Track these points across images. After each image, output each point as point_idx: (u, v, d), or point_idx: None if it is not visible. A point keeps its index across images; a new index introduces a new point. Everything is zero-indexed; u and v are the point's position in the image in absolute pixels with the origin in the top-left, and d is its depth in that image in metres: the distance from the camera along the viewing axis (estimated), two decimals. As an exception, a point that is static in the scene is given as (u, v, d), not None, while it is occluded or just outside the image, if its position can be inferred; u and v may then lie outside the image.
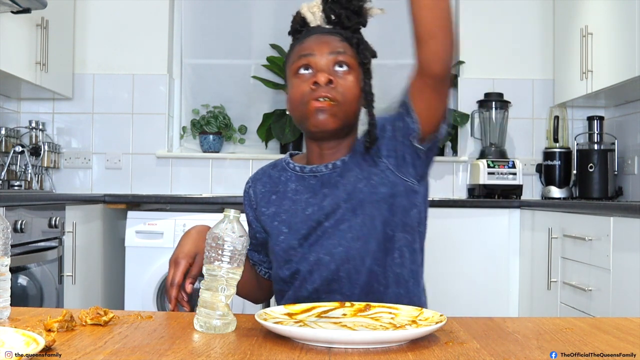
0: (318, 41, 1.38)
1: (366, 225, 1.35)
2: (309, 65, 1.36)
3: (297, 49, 1.41)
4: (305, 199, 1.40)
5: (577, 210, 2.79)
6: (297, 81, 1.37)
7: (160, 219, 3.31)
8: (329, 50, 1.36)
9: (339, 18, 1.41)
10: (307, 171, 1.42)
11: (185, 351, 0.92)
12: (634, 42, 2.88)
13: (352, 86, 1.36)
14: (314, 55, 1.36)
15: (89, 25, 3.93)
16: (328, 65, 1.35)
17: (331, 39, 1.38)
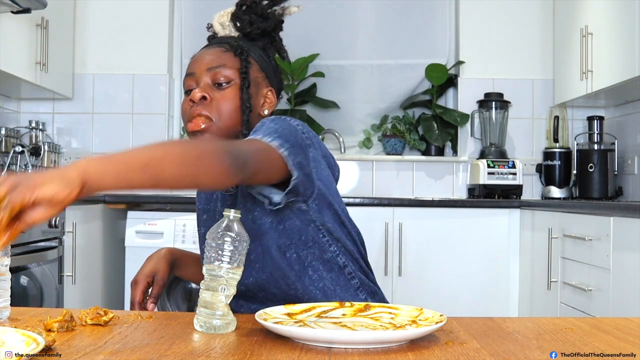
0: (200, 58, 1.39)
1: (267, 255, 1.31)
2: (191, 84, 1.37)
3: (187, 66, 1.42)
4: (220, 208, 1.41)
5: (577, 210, 2.79)
6: (184, 98, 1.38)
7: (160, 219, 3.31)
8: (207, 66, 1.36)
9: (243, 25, 1.42)
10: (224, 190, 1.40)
11: (185, 351, 0.92)
12: (634, 42, 2.88)
13: (227, 100, 1.34)
14: (194, 75, 1.36)
15: (89, 25, 3.93)
16: (206, 81, 1.35)
17: (214, 52, 1.38)
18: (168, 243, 3.28)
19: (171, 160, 1.00)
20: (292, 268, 1.31)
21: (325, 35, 4.03)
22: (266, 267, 1.32)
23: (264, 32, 1.45)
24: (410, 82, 4.02)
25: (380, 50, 4.03)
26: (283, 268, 1.31)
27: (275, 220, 1.29)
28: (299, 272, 1.32)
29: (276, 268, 1.31)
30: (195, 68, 1.37)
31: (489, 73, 3.93)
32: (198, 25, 4.08)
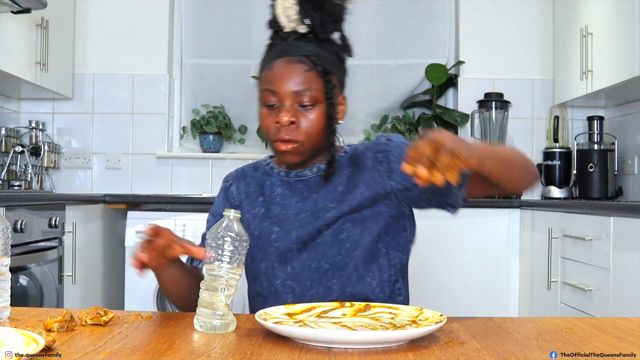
0: (283, 76, 1.36)
1: (363, 237, 1.38)
2: (274, 101, 1.37)
3: (265, 76, 1.40)
4: (295, 203, 1.42)
5: (577, 210, 2.79)
6: (264, 111, 1.40)
7: (160, 219, 3.31)
8: (292, 88, 1.36)
9: (313, 25, 1.41)
10: (293, 176, 1.44)
11: (185, 351, 0.92)
12: (634, 42, 2.88)
13: (316, 123, 1.37)
14: (277, 94, 1.36)
15: (89, 25, 3.93)
16: (292, 102, 1.36)
17: (297, 70, 1.36)
18: (168, 243, 3.28)
19: (518, 164, 1.32)
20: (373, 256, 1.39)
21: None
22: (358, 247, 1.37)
23: (332, 30, 1.45)
24: (410, 82, 4.02)
25: (380, 50, 4.03)
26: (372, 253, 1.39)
27: (389, 213, 1.40)
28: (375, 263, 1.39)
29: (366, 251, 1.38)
30: (278, 87, 1.36)
31: (489, 73, 3.93)
32: (198, 25, 4.08)
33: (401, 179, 1.38)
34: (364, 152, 1.45)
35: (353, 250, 1.37)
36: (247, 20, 4.08)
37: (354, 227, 1.38)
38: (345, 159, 1.44)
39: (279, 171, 1.46)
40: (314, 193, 1.41)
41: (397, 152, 1.39)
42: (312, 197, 1.41)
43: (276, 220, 1.41)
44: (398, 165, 1.35)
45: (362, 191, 1.39)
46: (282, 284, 1.39)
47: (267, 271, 1.41)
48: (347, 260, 1.37)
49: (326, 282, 1.37)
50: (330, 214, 1.38)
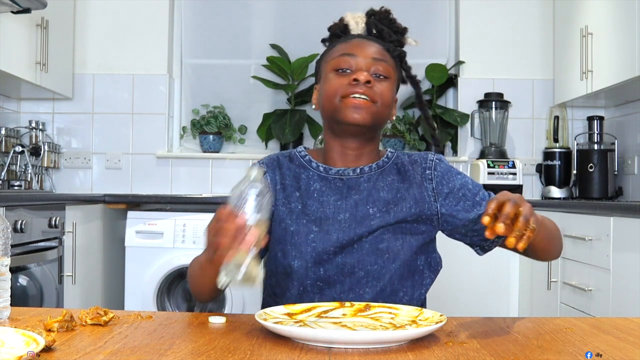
0: (363, 44, 1.40)
1: (403, 250, 1.38)
2: (349, 65, 1.38)
3: (339, 47, 1.42)
4: (334, 202, 1.38)
5: (577, 210, 2.79)
6: (334, 76, 1.38)
7: (160, 219, 3.31)
8: (371, 54, 1.38)
9: (380, 33, 1.44)
10: (333, 173, 1.41)
11: (185, 351, 0.92)
12: (634, 42, 2.88)
13: (388, 92, 1.39)
14: (355, 57, 1.38)
15: (89, 25, 3.93)
16: (368, 67, 1.37)
17: (377, 46, 1.41)
18: (168, 243, 3.28)
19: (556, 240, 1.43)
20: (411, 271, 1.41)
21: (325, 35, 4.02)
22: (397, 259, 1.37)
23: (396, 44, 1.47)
24: (410, 82, 4.01)
25: (380, 50, 4.03)
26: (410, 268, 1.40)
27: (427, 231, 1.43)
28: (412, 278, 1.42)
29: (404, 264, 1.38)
30: (357, 51, 1.38)
31: (489, 73, 3.93)
32: (198, 25, 4.08)
33: (450, 205, 1.40)
34: (410, 163, 1.43)
35: (392, 262, 1.36)
36: (247, 21, 4.09)
37: (395, 239, 1.37)
38: (389, 165, 1.43)
39: (317, 165, 1.42)
40: (355, 194, 1.38)
41: (448, 176, 1.43)
42: (352, 198, 1.38)
43: (314, 219, 1.37)
44: (447, 189, 1.40)
45: (409, 205, 1.38)
46: (312, 284, 1.36)
47: (299, 270, 1.36)
48: (384, 272, 1.36)
49: (358, 290, 1.36)
50: (374, 223, 1.36)
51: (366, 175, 1.40)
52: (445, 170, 1.43)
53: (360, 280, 1.36)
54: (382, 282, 1.36)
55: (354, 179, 1.40)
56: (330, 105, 1.38)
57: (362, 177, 1.40)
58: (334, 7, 4.05)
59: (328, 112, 1.39)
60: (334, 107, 1.37)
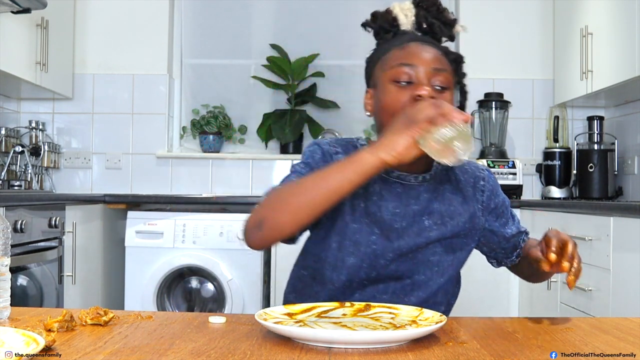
0: (420, 52, 1.32)
1: (452, 265, 1.40)
2: (409, 77, 1.31)
3: (396, 54, 1.33)
4: (392, 208, 1.35)
5: (577, 210, 2.79)
6: (394, 89, 1.31)
7: (160, 219, 3.31)
8: (431, 65, 1.31)
9: (431, 27, 1.38)
10: (394, 176, 1.36)
11: (185, 351, 0.92)
12: (634, 42, 2.88)
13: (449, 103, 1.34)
14: (415, 67, 1.31)
15: (89, 25, 3.93)
16: (428, 79, 1.31)
17: (434, 52, 1.33)
18: (168, 243, 3.28)
19: None
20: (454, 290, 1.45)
21: (325, 35, 4.03)
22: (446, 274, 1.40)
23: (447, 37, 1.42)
24: (410, 82, 4.01)
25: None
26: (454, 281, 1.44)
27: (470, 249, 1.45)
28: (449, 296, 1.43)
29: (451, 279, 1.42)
30: (416, 61, 1.31)
31: (489, 73, 3.93)
32: (198, 25, 4.09)
33: (491, 221, 1.42)
34: (462, 172, 1.42)
35: (440, 276, 1.37)
36: (247, 20, 4.09)
37: (446, 254, 1.37)
38: (441, 171, 1.40)
39: None
40: (414, 205, 1.35)
41: (496, 190, 1.45)
42: (411, 208, 1.35)
43: (374, 221, 1.34)
44: (494, 204, 1.42)
45: (464, 220, 1.38)
46: (360, 283, 1.36)
47: (351, 267, 1.34)
48: (430, 283, 1.36)
49: (403, 297, 1.36)
50: (433, 235, 1.35)
51: (426, 185, 1.37)
52: (494, 185, 1.45)
53: (405, 287, 1.36)
54: (427, 294, 1.37)
55: (415, 186, 1.36)
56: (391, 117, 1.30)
57: (422, 185, 1.37)
58: (334, 7, 4.06)
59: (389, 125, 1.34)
60: None
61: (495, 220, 1.43)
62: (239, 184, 3.95)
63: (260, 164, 3.94)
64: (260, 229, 1.22)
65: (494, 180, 1.45)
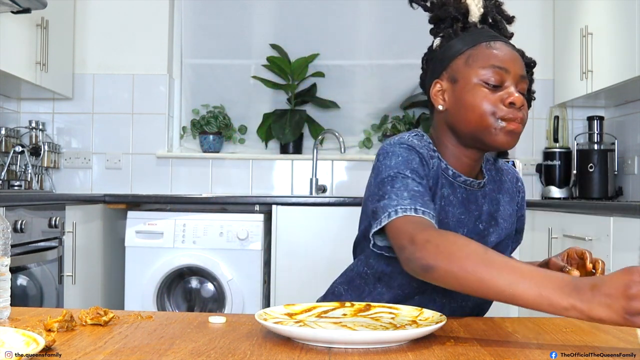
0: (511, 57, 1.29)
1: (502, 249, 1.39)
2: (502, 81, 1.27)
3: (486, 52, 1.29)
4: (458, 215, 1.32)
5: (577, 210, 2.79)
6: (482, 91, 1.27)
7: (160, 219, 3.31)
8: (519, 71, 1.29)
9: (496, 23, 1.35)
10: (461, 181, 1.33)
11: (185, 351, 0.92)
12: (634, 42, 2.88)
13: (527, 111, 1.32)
14: (508, 73, 1.27)
15: (89, 25, 3.93)
16: (517, 86, 1.28)
17: (517, 56, 1.31)
18: (168, 243, 3.28)
19: None
20: None
21: (325, 35, 4.03)
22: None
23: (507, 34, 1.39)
24: (410, 82, 4.01)
25: (380, 50, 4.03)
26: None
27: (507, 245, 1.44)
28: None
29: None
30: (510, 66, 1.28)
31: (489, 73, 3.92)
32: (198, 25, 4.08)
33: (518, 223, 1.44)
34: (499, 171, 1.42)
35: None
36: (247, 21, 4.09)
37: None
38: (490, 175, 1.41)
39: (446, 167, 1.32)
40: (475, 210, 1.34)
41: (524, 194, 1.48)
42: (473, 214, 1.34)
43: (442, 227, 1.28)
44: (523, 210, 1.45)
45: (512, 221, 1.41)
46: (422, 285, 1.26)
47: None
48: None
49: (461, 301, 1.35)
50: (493, 239, 1.36)
51: (483, 189, 1.37)
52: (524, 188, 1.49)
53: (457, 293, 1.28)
54: (474, 299, 1.36)
55: (477, 192, 1.35)
56: (480, 123, 1.27)
57: (479, 190, 1.36)
58: (334, 7, 4.05)
59: (473, 127, 1.28)
60: (486, 126, 1.27)
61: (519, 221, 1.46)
62: (238, 184, 3.95)
63: (260, 164, 3.94)
64: (428, 272, 1.08)
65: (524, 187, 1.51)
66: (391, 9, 4.00)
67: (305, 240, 3.25)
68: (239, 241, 3.24)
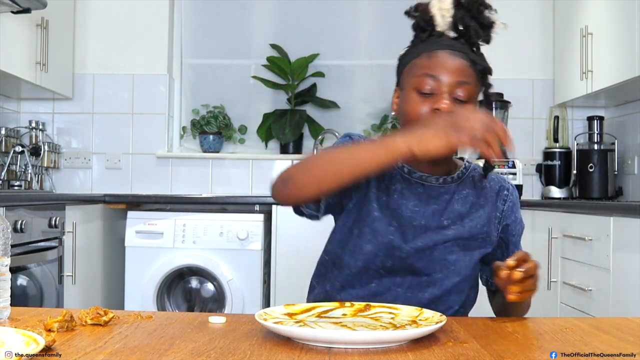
0: (447, 63, 1.33)
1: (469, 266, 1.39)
2: (432, 87, 1.32)
3: (424, 62, 1.34)
4: (411, 207, 1.37)
5: (577, 210, 2.79)
6: (415, 97, 1.33)
7: (160, 219, 3.31)
8: (455, 77, 1.32)
9: (467, 30, 1.37)
10: (416, 177, 1.39)
11: (185, 351, 0.92)
12: (634, 42, 2.88)
13: None
14: (439, 80, 1.31)
15: (89, 25, 3.93)
16: (451, 92, 1.31)
17: (460, 63, 1.33)
18: (168, 243, 3.28)
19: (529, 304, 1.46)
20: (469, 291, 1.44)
21: (325, 35, 4.03)
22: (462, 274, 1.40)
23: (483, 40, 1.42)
24: (410, 82, 4.02)
25: (380, 50, 4.03)
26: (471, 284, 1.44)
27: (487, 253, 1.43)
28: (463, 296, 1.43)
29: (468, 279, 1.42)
30: (441, 72, 1.32)
31: (489, 73, 3.92)
32: (198, 25, 4.09)
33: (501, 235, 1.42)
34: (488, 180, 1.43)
35: (456, 275, 1.38)
36: (247, 21, 4.09)
37: (464, 255, 1.38)
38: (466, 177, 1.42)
39: (402, 165, 1.39)
40: (434, 204, 1.38)
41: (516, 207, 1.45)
42: (430, 208, 1.37)
43: (394, 215, 1.37)
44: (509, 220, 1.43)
45: (482, 223, 1.39)
46: (376, 271, 1.37)
47: (368, 253, 1.37)
48: (446, 282, 1.37)
49: (417, 292, 1.37)
50: (450, 233, 1.37)
51: (447, 186, 1.39)
52: (516, 199, 1.46)
53: (421, 283, 1.37)
54: (441, 291, 1.37)
55: (436, 187, 1.39)
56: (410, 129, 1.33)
57: (442, 187, 1.39)
58: (334, 7, 4.05)
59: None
60: None
61: (509, 235, 1.44)
62: (238, 184, 3.95)
63: (260, 164, 3.94)
64: (285, 185, 1.28)
65: (517, 197, 1.46)
66: (391, 9, 4.00)
67: (305, 240, 3.25)
68: (239, 241, 3.24)
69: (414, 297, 1.37)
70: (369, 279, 1.38)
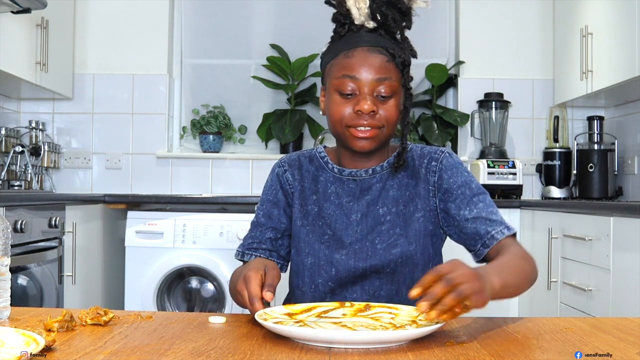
0: (364, 61, 1.33)
1: (416, 254, 1.37)
2: (352, 89, 1.34)
3: (342, 62, 1.36)
4: (347, 203, 1.40)
5: (577, 210, 2.79)
6: (338, 99, 1.35)
7: (160, 219, 3.31)
8: (374, 75, 1.33)
9: (385, 19, 1.36)
10: (346, 174, 1.42)
11: (185, 351, 0.92)
12: (634, 42, 2.88)
13: (393, 112, 1.35)
14: (358, 80, 1.33)
15: (89, 25, 3.93)
16: (372, 90, 1.33)
17: (378, 59, 1.33)
18: (168, 243, 3.28)
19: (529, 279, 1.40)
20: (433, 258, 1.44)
21: (325, 35, 4.01)
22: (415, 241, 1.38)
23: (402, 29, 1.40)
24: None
25: (380, 50, 4.03)
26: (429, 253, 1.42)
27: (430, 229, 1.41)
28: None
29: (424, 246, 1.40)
30: (359, 72, 1.33)
31: (489, 73, 3.93)
32: (198, 25, 4.08)
33: (447, 201, 1.37)
34: (420, 157, 1.42)
35: (405, 266, 1.37)
36: (247, 20, 4.08)
37: (408, 243, 1.37)
38: (395, 161, 1.41)
39: (332, 166, 1.44)
40: (367, 195, 1.40)
41: (452, 171, 1.38)
42: (364, 199, 1.39)
43: (329, 222, 1.40)
44: (447, 185, 1.37)
45: (418, 205, 1.38)
46: (323, 283, 1.39)
47: (312, 267, 1.40)
48: (398, 276, 1.37)
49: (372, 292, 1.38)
50: (385, 225, 1.37)
51: (378, 175, 1.40)
52: (451, 165, 1.39)
53: (373, 283, 1.38)
54: (397, 286, 1.37)
55: (367, 179, 1.40)
56: (336, 130, 1.37)
57: (374, 177, 1.40)
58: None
59: (335, 133, 1.39)
60: (340, 133, 1.36)
61: (450, 202, 1.37)
62: (238, 184, 3.95)
63: (260, 164, 3.94)
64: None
65: (454, 161, 1.40)
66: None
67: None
68: (239, 241, 3.24)
69: (373, 299, 1.37)
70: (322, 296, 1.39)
